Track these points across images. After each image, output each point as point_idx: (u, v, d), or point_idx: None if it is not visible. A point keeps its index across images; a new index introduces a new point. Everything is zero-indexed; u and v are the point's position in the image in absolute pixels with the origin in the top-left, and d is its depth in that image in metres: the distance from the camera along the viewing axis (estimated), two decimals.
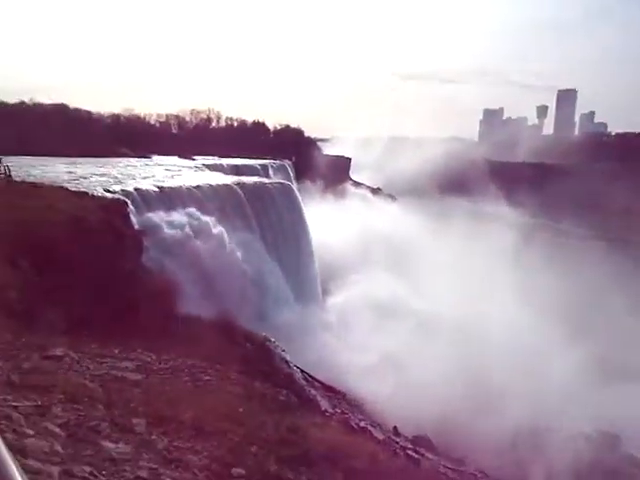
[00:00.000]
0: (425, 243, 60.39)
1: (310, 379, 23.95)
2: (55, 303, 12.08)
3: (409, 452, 19.43)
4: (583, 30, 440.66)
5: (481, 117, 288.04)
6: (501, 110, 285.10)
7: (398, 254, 54.96)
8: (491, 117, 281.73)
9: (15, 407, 6.05)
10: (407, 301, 44.25)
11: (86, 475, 5.08)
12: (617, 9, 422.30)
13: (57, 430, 5.81)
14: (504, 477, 23.33)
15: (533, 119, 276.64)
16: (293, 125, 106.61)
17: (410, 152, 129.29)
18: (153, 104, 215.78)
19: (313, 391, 22.15)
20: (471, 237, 62.33)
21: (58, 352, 8.92)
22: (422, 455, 20.28)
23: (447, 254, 56.65)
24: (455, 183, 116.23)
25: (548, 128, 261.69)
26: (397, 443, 20.53)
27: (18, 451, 4.84)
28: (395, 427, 23.66)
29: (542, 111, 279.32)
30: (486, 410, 27.79)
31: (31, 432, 5.41)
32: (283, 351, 22.98)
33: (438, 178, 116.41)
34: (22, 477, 1.11)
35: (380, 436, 19.76)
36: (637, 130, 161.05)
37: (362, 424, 20.72)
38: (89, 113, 79.50)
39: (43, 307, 11.51)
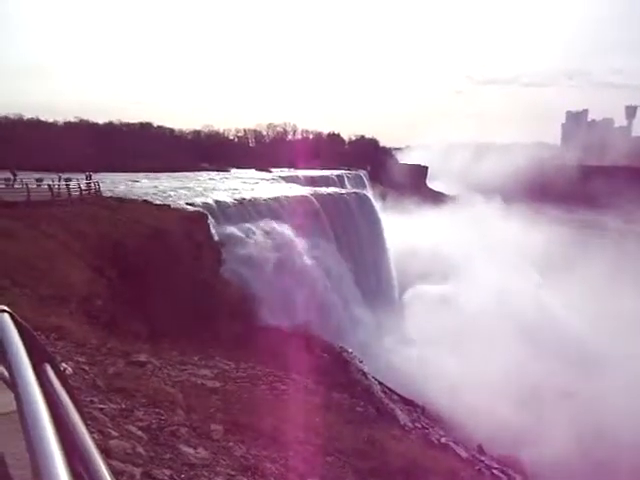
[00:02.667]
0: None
1: (388, 391, 23.50)
2: (138, 311, 12.56)
3: (495, 472, 18.52)
4: None
5: (564, 120, 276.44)
6: (585, 112, 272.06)
7: (472, 261, 53.28)
8: (575, 120, 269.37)
9: (101, 409, 6.26)
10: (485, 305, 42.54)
11: (166, 478, 5.16)
12: None
13: (139, 433, 5.94)
14: None
15: (621, 120, 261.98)
16: (368, 135, 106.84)
17: (491, 158, 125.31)
18: (232, 119, 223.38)
19: (391, 404, 21.69)
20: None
21: (141, 358, 9.22)
22: (509, 476, 19.26)
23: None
24: (541, 189, 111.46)
25: (638, 129, 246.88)
26: (482, 461, 19.62)
27: (103, 451, 4.96)
28: (480, 445, 22.64)
29: (631, 111, 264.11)
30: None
31: (115, 434, 5.56)
32: (360, 362, 22.73)
33: (522, 184, 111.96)
34: (111, 477, 1.09)
35: (463, 453, 18.97)
36: None
37: (443, 440, 20.00)
38: (172, 130, 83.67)
39: (127, 315, 12.00)
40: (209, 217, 24.56)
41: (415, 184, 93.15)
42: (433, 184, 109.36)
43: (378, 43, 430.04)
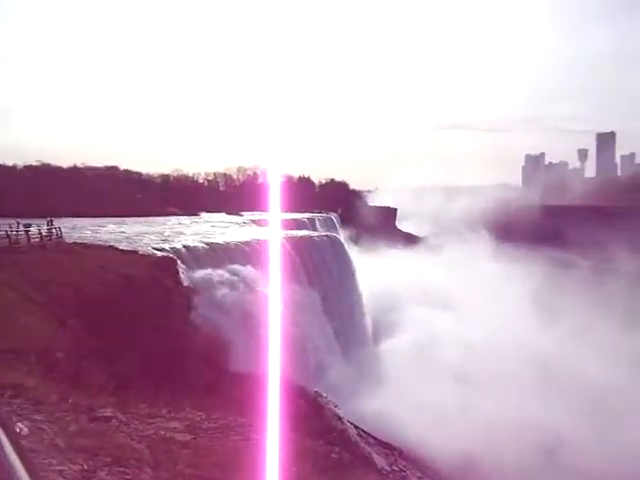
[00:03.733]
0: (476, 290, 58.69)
1: (364, 435, 23.00)
2: (103, 362, 12.05)
3: None
4: (616, 72, 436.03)
5: (523, 163, 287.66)
6: (542, 155, 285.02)
7: (442, 300, 53.61)
8: (533, 162, 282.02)
9: (60, 471, 5.84)
10: (457, 346, 42.54)
11: None
12: None
13: None
14: None
15: (574, 162, 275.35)
16: (338, 178, 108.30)
17: (458, 200, 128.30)
18: (201, 163, 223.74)
19: (368, 448, 21.19)
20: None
21: (106, 413, 8.75)
22: None
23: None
24: (505, 228, 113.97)
25: (590, 171, 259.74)
26: None
27: None
28: None
29: (583, 154, 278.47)
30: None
31: None
32: (335, 406, 22.25)
33: (487, 224, 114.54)
34: None
35: None
36: None
37: None
38: (139, 174, 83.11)
39: (92, 367, 11.48)
40: (178, 262, 24.14)
41: (385, 226, 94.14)
42: (403, 225, 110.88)
43: (346, 88, 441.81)
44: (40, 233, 22.75)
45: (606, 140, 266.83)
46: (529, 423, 29.82)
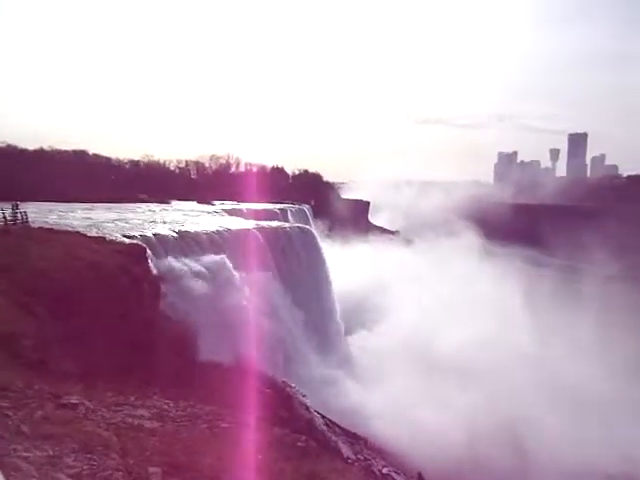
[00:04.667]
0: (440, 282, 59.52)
1: (331, 425, 23.33)
2: (70, 350, 11.95)
3: None
4: (591, 73, 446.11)
5: (496, 160, 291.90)
6: (515, 154, 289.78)
7: (413, 293, 54.30)
8: (506, 160, 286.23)
9: (25, 458, 5.84)
10: (427, 340, 43.17)
11: None
12: (624, 52, 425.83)
13: None
14: None
15: (546, 162, 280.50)
16: (311, 170, 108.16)
17: (430, 195, 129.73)
18: (173, 150, 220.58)
19: (334, 437, 21.53)
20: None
21: (73, 400, 8.71)
22: None
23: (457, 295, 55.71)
24: (477, 225, 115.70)
25: (561, 170, 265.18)
26: None
27: None
28: (419, 473, 22.83)
29: (554, 154, 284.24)
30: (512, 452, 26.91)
31: None
32: (303, 396, 22.49)
33: (459, 220, 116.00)
34: None
35: None
36: None
37: (385, 470, 20.06)
38: (108, 159, 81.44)
39: (59, 354, 11.38)
40: (148, 250, 23.92)
41: (358, 218, 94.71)
42: (375, 218, 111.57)
43: (322, 80, 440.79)
44: (4, 217, 22.16)
45: (578, 141, 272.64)
46: (502, 418, 30.55)
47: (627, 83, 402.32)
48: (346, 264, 55.57)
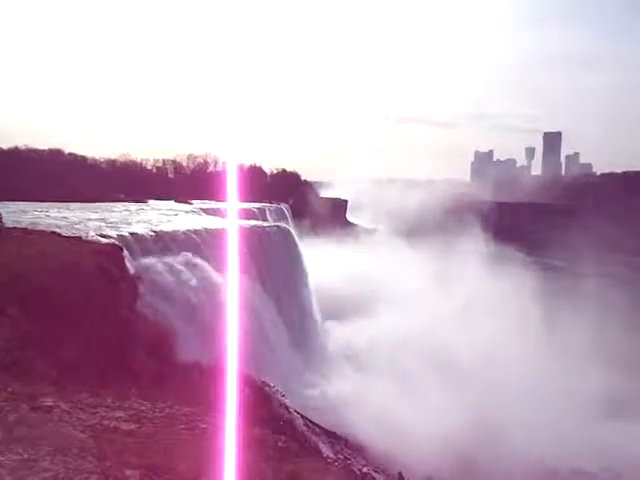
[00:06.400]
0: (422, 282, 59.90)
1: (311, 425, 23.34)
2: (46, 351, 11.75)
3: None
4: (565, 73, 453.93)
5: (472, 159, 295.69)
6: (491, 152, 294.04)
7: (389, 293, 54.59)
8: (482, 159, 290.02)
9: None
10: (404, 337, 43.42)
11: None
12: (598, 53, 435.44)
13: None
14: None
15: (522, 160, 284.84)
16: (289, 169, 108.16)
17: (407, 194, 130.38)
18: (150, 149, 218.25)
19: (314, 437, 21.55)
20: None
21: (48, 402, 8.57)
22: None
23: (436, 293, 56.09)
24: (453, 223, 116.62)
25: (536, 169, 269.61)
26: None
27: None
28: (400, 473, 22.95)
29: (530, 153, 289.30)
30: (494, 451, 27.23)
31: None
32: (283, 396, 22.46)
33: (435, 218, 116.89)
34: None
35: None
36: (620, 170, 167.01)
37: (365, 470, 20.15)
38: (84, 158, 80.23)
39: (33, 356, 11.18)
40: (124, 250, 23.64)
41: (336, 217, 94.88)
42: (353, 217, 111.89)
43: (299, 81, 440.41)
44: None
45: (553, 140, 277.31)
46: (476, 416, 30.83)
47: (601, 83, 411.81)
48: (324, 262, 55.69)
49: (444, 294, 55.62)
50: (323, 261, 56.36)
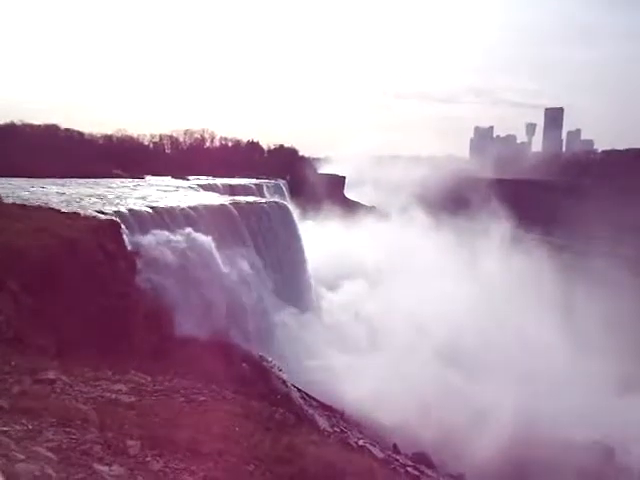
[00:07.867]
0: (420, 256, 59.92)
1: (308, 398, 23.74)
2: (46, 326, 11.92)
3: (409, 469, 19.25)
4: (566, 48, 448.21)
5: (472, 135, 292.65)
6: (491, 128, 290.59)
7: (388, 268, 54.83)
8: (482, 135, 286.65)
9: (4, 432, 5.92)
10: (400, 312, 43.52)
11: None
12: (598, 28, 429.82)
13: (49, 454, 5.67)
14: None
15: (522, 137, 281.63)
16: (287, 144, 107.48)
17: (406, 170, 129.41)
18: (147, 125, 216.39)
19: (311, 410, 21.93)
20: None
21: (50, 376, 8.76)
22: (422, 472, 20.08)
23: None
24: (452, 200, 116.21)
25: (537, 145, 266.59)
26: (397, 460, 20.33)
27: (9, 476, 4.73)
28: (395, 445, 23.42)
29: (530, 129, 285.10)
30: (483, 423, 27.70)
31: (22, 457, 5.28)
32: (280, 370, 22.81)
33: (433, 195, 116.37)
34: None
35: (379, 454, 19.53)
36: (622, 147, 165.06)
37: (361, 442, 20.52)
38: (81, 134, 79.58)
39: (33, 330, 11.36)
40: (122, 226, 23.71)
41: (333, 194, 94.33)
42: (351, 194, 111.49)
43: (297, 56, 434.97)
44: None
45: (554, 116, 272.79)
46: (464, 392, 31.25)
47: (603, 58, 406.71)
48: (320, 239, 55.68)
49: (445, 272, 55.41)
50: (319, 236, 56.39)
